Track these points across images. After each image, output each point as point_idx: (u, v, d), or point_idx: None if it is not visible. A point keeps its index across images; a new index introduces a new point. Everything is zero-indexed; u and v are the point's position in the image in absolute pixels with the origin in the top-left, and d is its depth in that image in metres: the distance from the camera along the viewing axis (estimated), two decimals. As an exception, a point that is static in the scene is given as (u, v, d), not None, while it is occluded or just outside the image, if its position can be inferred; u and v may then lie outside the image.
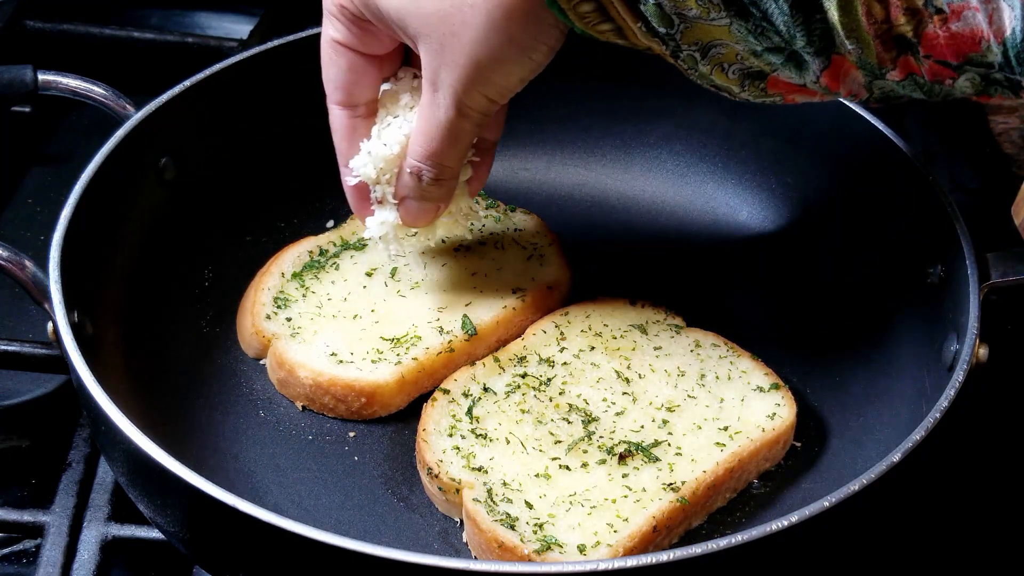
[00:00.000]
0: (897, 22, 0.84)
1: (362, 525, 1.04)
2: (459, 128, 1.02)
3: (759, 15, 0.87)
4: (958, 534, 1.17)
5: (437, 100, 1.01)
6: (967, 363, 0.99)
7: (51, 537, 1.09)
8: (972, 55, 0.84)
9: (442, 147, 1.04)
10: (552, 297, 1.21)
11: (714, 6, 0.87)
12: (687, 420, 1.08)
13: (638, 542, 0.98)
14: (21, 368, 1.16)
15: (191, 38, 1.56)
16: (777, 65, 0.90)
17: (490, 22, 0.94)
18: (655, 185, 1.34)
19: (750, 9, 0.86)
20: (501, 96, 1.01)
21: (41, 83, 1.22)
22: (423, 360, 1.13)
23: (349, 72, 1.07)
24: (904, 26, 0.84)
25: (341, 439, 1.11)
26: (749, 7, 0.86)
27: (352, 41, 1.05)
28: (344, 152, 1.11)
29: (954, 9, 0.82)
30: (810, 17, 0.85)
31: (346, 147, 1.11)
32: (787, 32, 0.87)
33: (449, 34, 0.96)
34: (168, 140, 1.20)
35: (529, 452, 1.05)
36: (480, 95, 1.00)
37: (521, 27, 0.95)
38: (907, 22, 0.83)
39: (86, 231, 1.08)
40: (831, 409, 1.13)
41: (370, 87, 1.09)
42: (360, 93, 1.09)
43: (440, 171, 1.06)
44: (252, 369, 1.17)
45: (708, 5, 0.87)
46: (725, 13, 0.87)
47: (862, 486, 0.89)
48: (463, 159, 1.08)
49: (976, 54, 0.83)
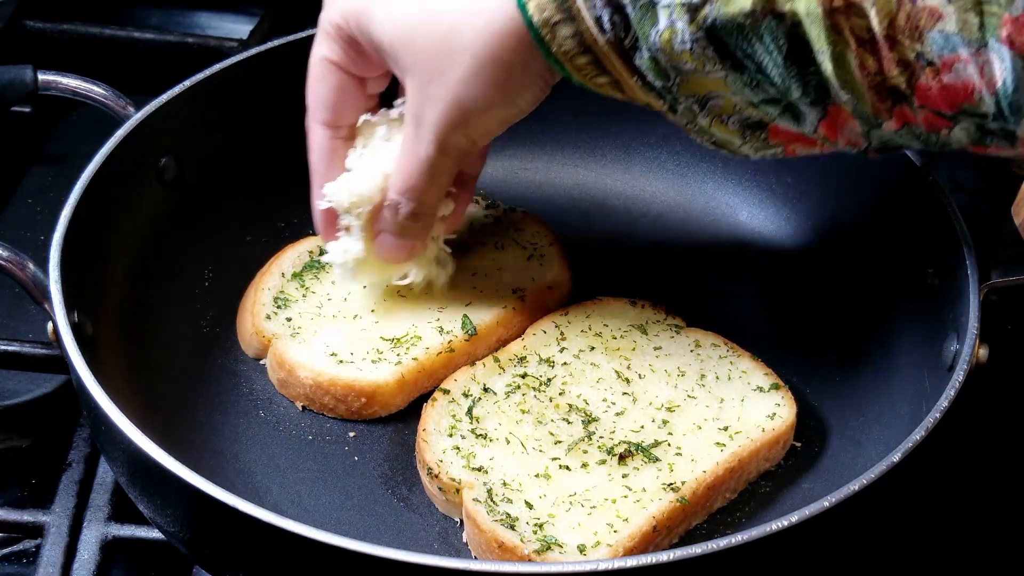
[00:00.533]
0: (890, 74, 0.84)
1: (362, 525, 1.04)
2: (439, 165, 1.02)
3: (754, 68, 0.87)
4: (958, 534, 1.17)
5: (419, 135, 1.01)
6: (967, 363, 0.99)
7: (51, 537, 1.09)
8: (966, 106, 0.84)
9: (421, 182, 1.04)
10: (552, 297, 1.21)
11: (708, 59, 0.87)
12: (687, 420, 1.08)
13: (638, 542, 0.98)
14: (21, 368, 1.17)
15: (191, 38, 1.55)
16: (775, 116, 0.90)
17: (478, 66, 0.95)
18: (655, 185, 1.34)
19: (744, 62, 0.87)
20: (482, 138, 1.02)
21: (41, 83, 1.22)
22: (423, 360, 1.13)
23: (338, 92, 1.07)
24: (897, 78, 0.84)
25: (341, 439, 1.11)
26: (743, 60, 0.86)
27: (345, 61, 1.05)
28: (320, 172, 1.10)
29: (945, 61, 0.82)
30: (804, 69, 0.85)
31: (324, 168, 1.10)
32: (782, 84, 0.87)
33: (437, 72, 0.97)
34: (168, 140, 1.19)
35: (529, 452, 1.05)
36: (462, 136, 1.00)
37: (508, 74, 0.95)
38: (900, 74, 0.84)
39: (86, 231, 1.08)
40: (831, 409, 1.13)
41: (355, 109, 1.09)
42: (345, 114, 1.09)
43: (418, 206, 1.06)
44: (252, 369, 1.17)
45: (703, 58, 0.87)
46: (720, 66, 0.87)
47: (862, 486, 0.89)
48: (442, 195, 1.07)
49: (970, 105, 0.83)
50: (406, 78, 1.00)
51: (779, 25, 0.84)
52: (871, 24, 0.82)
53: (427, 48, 0.97)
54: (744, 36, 0.85)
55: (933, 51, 0.82)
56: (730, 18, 0.85)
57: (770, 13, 0.84)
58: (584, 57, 0.91)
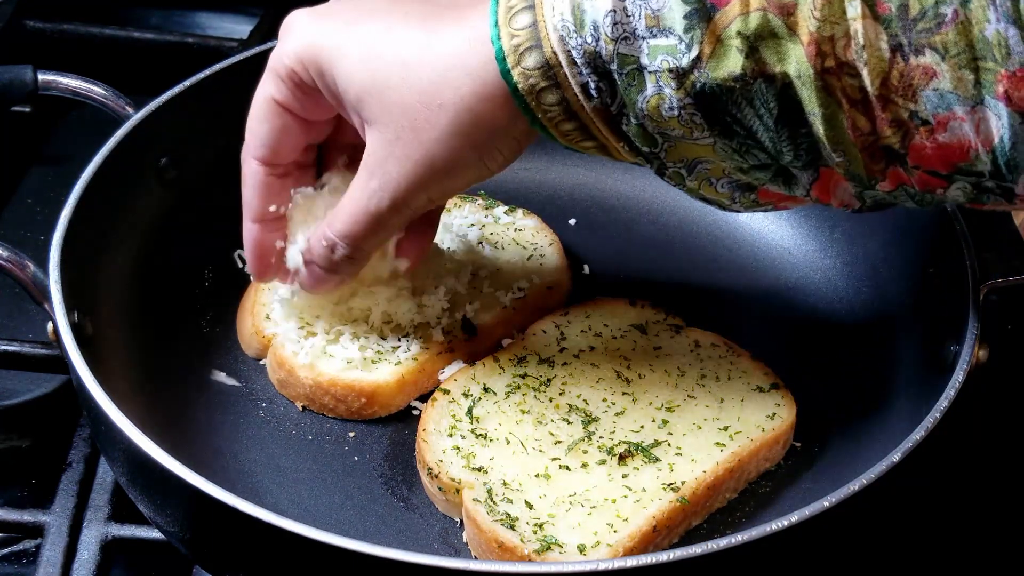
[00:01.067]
0: (883, 134, 0.82)
1: (362, 525, 1.04)
2: (387, 221, 0.99)
3: (743, 133, 0.85)
4: (958, 534, 1.17)
5: (370, 188, 0.98)
6: (967, 363, 0.99)
7: (51, 537, 1.09)
8: (961, 165, 0.82)
9: (364, 233, 1.00)
10: (552, 297, 1.21)
11: (697, 126, 0.86)
12: (687, 420, 1.08)
13: (638, 542, 0.98)
14: (21, 368, 1.16)
15: (191, 38, 1.55)
16: (765, 181, 0.89)
17: (456, 125, 0.92)
18: (655, 185, 1.33)
19: (734, 127, 0.85)
20: (442, 198, 1.00)
21: (41, 83, 1.22)
22: (423, 360, 1.13)
23: (279, 133, 1.03)
24: (891, 137, 0.82)
25: (341, 439, 1.11)
26: (732, 125, 0.85)
27: (293, 105, 1.02)
28: (253, 207, 1.06)
29: (940, 120, 0.81)
30: (795, 132, 0.84)
31: (256, 202, 1.06)
32: (773, 148, 0.85)
33: (409, 128, 0.94)
34: (168, 140, 1.19)
35: (529, 452, 1.05)
36: (423, 195, 0.97)
37: (486, 136, 0.93)
38: (893, 133, 0.82)
39: (86, 231, 1.08)
40: (831, 409, 1.13)
41: (296, 149, 1.06)
42: (285, 154, 1.05)
43: (355, 252, 1.03)
44: (252, 369, 1.17)
45: (691, 125, 0.86)
46: (708, 132, 0.86)
47: (862, 486, 0.89)
48: (382, 244, 1.06)
49: (965, 163, 0.82)
50: (370, 129, 0.96)
51: (769, 88, 0.83)
52: (864, 84, 0.81)
53: (400, 102, 0.93)
54: (733, 100, 0.84)
55: (927, 110, 0.80)
56: (719, 82, 0.83)
57: (760, 76, 0.82)
58: (570, 123, 0.90)
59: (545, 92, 0.89)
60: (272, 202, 1.06)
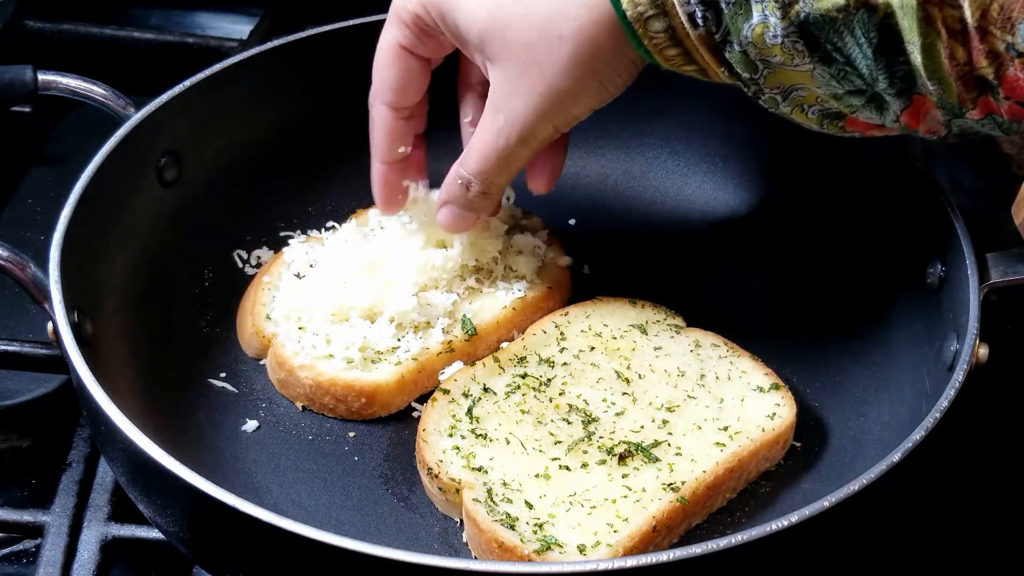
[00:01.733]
0: (979, 64, 0.85)
1: (362, 525, 1.04)
2: (517, 154, 1.05)
3: (842, 60, 0.88)
4: (958, 534, 1.16)
5: (500, 126, 1.03)
6: (967, 363, 0.99)
7: (51, 537, 1.09)
8: None
9: (496, 168, 1.06)
10: (552, 297, 1.21)
11: (798, 53, 0.89)
12: (687, 420, 1.08)
13: (638, 542, 0.98)
14: (21, 368, 1.16)
15: (191, 38, 1.56)
16: (857, 107, 0.92)
17: (576, 55, 0.97)
18: (655, 185, 1.34)
19: (833, 55, 0.88)
20: (567, 125, 1.03)
21: (41, 83, 1.22)
22: (423, 360, 1.13)
23: (406, 76, 1.10)
24: (986, 68, 0.85)
25: (341, 439, 1.11)
26: (832, 53, 0.88)
27: (419, 48, 1.08)
28: (382, 149, 1.14)
29: None
30: (892, 60, 0.87)
31: (385, 145, 1.13)
32: (869, 75, 0.88)
33: (532, 63, 0.98)
34: (168, 140, 1.19)
35: (529, 452, 1.05)
36: (549, 124, 1.02)
37: (605, 62, 0.97)
38: (988, 64, 0.85)
39: (86, 231, 1.08)
40: (831, 409, 1.13)
41: (420, 91, 1.12)
42: (412, 96, 1.11)
43: (489, 187, 1.08)
44: (252, 369, 1.17)
45: (793, 52, 0.89)
46: (809, 59, 0.89)
47: (862, 486, 0.89)
48: (514, 177, 1.10)
49: None
50: (492, 66, 1.01)
51: (871, 17, 0.85)
52: (964, 15, 0.83)
53: (520, 38, 0.98)
54: (835, 29, 0.87)
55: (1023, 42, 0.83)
56: (823, 12, 0.86)
57: (863, 6, 0.85)
58: (674, 49, 0.93)
59: (652, 20, 0.92)
60: (399, 144, 1.13)
